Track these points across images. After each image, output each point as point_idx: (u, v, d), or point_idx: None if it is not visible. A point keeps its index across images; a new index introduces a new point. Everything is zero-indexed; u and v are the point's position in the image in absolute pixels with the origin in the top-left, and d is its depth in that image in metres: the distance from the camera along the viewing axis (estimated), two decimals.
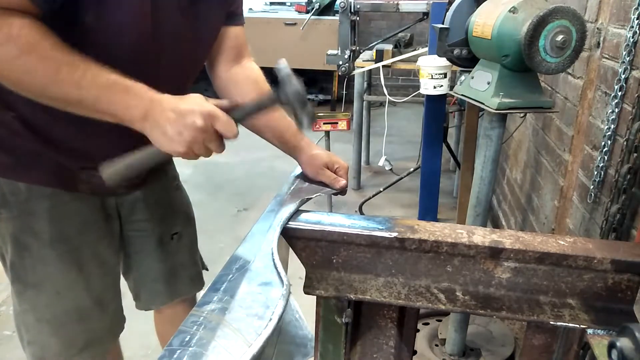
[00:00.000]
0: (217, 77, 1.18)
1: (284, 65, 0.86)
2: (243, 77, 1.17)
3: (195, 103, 0.83)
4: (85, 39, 0.85)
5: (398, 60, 3.11)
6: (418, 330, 1.91)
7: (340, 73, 3.14)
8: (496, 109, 1.45)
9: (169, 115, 0.81)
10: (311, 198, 1.04)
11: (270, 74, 1.17)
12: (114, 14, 0.85)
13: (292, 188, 1.07)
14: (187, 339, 0.62)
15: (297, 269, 0.99)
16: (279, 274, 0.74)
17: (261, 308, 0.67)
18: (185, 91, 1.15)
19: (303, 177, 1.12)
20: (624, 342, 0.64)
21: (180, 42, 0.99)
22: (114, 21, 0.86)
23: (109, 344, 1.22)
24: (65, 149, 0.98)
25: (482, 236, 0.88)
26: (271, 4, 5.60)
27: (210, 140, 0.83)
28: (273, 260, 0.77)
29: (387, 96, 3.08)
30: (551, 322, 0.85)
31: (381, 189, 3.20)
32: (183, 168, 1.48)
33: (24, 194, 1.00)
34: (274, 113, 1.09)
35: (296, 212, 0.96)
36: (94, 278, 1.12)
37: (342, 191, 1.09)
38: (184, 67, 1.07)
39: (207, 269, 1.43)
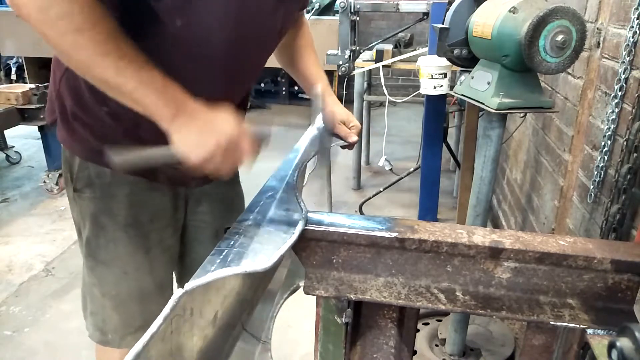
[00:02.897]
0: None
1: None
2: (296, 39, 1.30)
3: (229, 121, 0.85)
4: (173, 39, 0.91)
5: (398, 60, 3.11)
6: (418, 330, 1.92)
7: (340, 73, 3.15)
8: (496, 109, 1.45)
9: (199, 124, 0.83)
10: (326, 147, 1.26)
11: (272, 73, 1.27)
12: (200, 18, 0.88)
13: (311, 137, 1.24)
14: (231, 243, 0.79)
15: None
16: (299, 203, 0.94)
17: (285, 226, 0.87)
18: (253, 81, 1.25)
19: (323, 129, 1.25)
20: (624, 342, 0.64)
21: (261, 37, 1.04)
22: (201, 24, 0.89)
23: None
24: (149, 144, 1.01)
25: (482, 236, 0.88)
26: None
27: (226, 162, 0.85)
28: (295, 193, 0.97)
29: (387, 96, 3.08)
30: (551, 322, 0.85)
31: (381, 189, 3.20)
32: None
33: (108, 177, 1.07)
34: (310, 65, 1.27)
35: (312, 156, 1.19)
36: (158, 263, 1.19)
37: (351, 145, 1.26)
38: (262, 57, 1.13)
39: None
